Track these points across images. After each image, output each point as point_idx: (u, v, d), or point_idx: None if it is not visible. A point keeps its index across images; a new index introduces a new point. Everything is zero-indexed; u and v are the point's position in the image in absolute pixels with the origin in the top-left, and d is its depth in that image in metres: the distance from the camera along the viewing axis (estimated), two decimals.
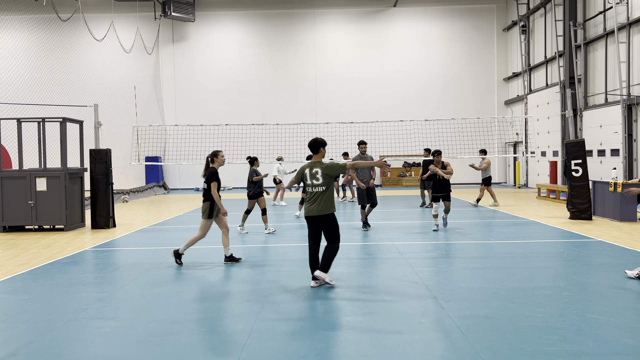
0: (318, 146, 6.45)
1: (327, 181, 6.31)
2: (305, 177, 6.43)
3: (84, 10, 21.70)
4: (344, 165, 6.39)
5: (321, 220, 6.31)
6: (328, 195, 6.32)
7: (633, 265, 7.31)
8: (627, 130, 17.26)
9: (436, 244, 9.40)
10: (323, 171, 6.30)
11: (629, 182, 12.39)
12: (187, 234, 11.22)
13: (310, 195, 6.36)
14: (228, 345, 4.50)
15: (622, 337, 4.49)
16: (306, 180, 6.42)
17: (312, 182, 6.34)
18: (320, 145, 6.46)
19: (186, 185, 27.83)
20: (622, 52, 17.43)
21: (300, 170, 6.57)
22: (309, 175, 6.38)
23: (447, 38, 27.43)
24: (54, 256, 8.85)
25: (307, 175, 6.40)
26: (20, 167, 12.39)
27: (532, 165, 24.81)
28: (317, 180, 6.30)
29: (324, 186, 6.30)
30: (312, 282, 6.41)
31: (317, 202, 6.29)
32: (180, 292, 6.32)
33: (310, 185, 6.37)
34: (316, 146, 6.45)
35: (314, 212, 6.29)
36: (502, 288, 6.20)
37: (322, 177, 6.29)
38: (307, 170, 6.41)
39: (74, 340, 4.67)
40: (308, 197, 6.38)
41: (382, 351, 4.29)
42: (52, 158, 13.45)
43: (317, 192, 6.31)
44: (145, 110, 24.70)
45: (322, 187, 6.30)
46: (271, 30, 27.61)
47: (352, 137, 23.29)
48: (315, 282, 6.39)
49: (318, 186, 6.31)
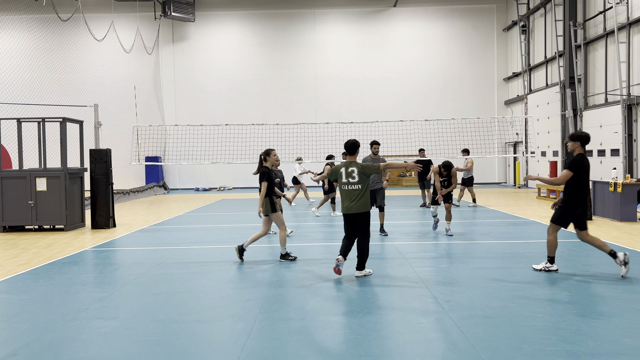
0: (355, 147, 6.87)
1: (363, 180, 6.65)
2: (341, 176, 6.75)
3: (84, 10, 21.70)
4: (378, 167, 6.75)
5: (356, 217, 6.71)
6: (365, 193, 6.67)
7: (634, 265, 7.31)
8: (627, 130, 17.26)
9: (436, 244, 9.40)
10: (359, 171, 6.67)
11: (628, 181, 12.39)
12: (187, 234, 11.23)
13: (347, 194, 6.72)
14: (228, 345, 4.50)
15: (622, 337, 4.49)
16: (341, 179, 6.74)
17: (348, 180, 6.69)
18: (356, 147, 6.88)
19: (186, 185, 27.83)
20: (622, 52, 17.43)
21: (335, 168, 6.86)
22: (344, 174, 6.72)
23: (447, 38, 27.43)
24: (54, 256, 8.85)
25: (343, 174, 6.73)
26: (20, 167, 12.38)
27: (532, 165, 24.81)
28: (353, 179, 6.67)
29: (359, 184, 6.66)
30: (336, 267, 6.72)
31: (355, 200, 6.65)
32: (180, 292, 6.32)
33: (346, 184, 6.72)
34: (353, 147, 6.86)
35: (353, 209, 6.68)
36: (502, 288, 6.20)
37: (358, 176, 6.66)
38: (343, 170, 6.74)
39: (74, 340, 4.67)
40: (344, 196, 6.74)
41: (382, 351, 4.29)
42: (52, 158, 13.45)
43: (353, 190, 6.68)
44: (145, 110, 24.70)
45: (358, 185, 6.66)
46: (271, 30, 27.61)
47: (352, 137, 23.26)
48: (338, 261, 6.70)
49: (354, 184, 6.68)
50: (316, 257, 8.30)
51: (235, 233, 11.22)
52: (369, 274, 6.91)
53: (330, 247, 9.24)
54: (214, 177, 27.55)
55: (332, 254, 8.53)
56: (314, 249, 9.10)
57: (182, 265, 7.90)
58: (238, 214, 15.09)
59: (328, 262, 7.87)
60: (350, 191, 6.69)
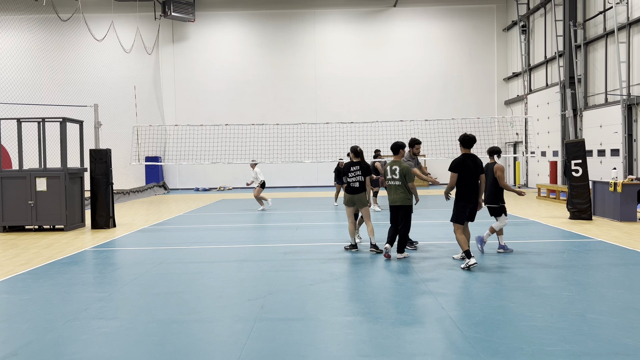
0: (398, 148, 8.02)
1: (402, 179, 7.79)
2: (387, 172, 7.94)
3: (84, 10, 21.71)
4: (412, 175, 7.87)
5: (399, 209, 7.86)
6: (404, 189, 7.80)
7: (633, 265, 7.31)
8: (627, 130, 17.26)
9: (436, 244, 9.39)
10: (401, 171, 7.82)
11: (628, 181, 12.38)
12: (187, 234, 11.23)
13: (391, 188, 7.91)
14: (228, 345, 4.50)
15: (622, 337, 4.49)
16: (387, 175, 7.94)
17: (392, 176, 7.89)
18: (400, 147, 8.02)
19: (186, 185, 27.83)
20: (622, 52, 17.43)
21: (386, 166, 8.04)
22: (389, 171, 7.92)
23: (447, 38, 27.43)
24: (54, 256, 8.85)
25: (388, 171, 7.92)
26: (20, 167, 12.38)
27: (532, 165, 24.81)
28: (395, 176, 7.84)
29: (399, 181, 7.82)
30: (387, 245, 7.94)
31: (397, 193, 7.84)
32: (180, 292, 6.32)
33: (390, 180, 7.90)
34: (397, 148, 8.03)
35: (397, 201, 7.86)
36: (502, 288, 6.20)
37: (398, 174, 7.83)
38: (389, 167, 7.93)
39: (74, 340, 4.67)
40: (390, 190, 7.93)
41: (381, 351, 4.29)
42: (52, 158, 13.45)
43: (395, 185, 7.87)
44: (145, 110, 24.70)
45: (398, 182, 7.83)
46: (271, 30, 27.61)
47: (352, 137, 23.29)
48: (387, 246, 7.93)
49: (396, 181, 7.85)
50: (316, 257, 8.30)
51: (236, 233, 11.22)
52: (408, 257, 8.00)
53: (330, 247, 9.24)
54: (214, 177, 27.55)
55: (332, 253, 8.53)
56: (314, 249, 9.09)
57: (182, 265, 7.90)
58: (238, 214, 15.08)
59: (328, 262, 7.88)
60: (393, 187, 7.87)
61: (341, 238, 10.16)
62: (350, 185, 8.48)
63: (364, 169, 8.48)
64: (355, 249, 8.76)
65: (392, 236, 7.98)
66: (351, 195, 8.50)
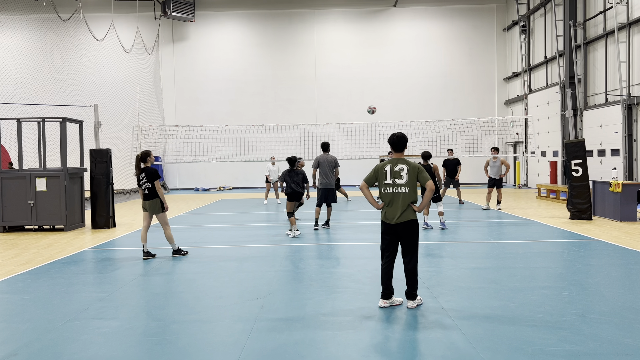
0: (404, 143, 5.63)
1: (411, 182, 5.43)
2: (385, 175, 5.48)
3: (84, 10, 21.70)
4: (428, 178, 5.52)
5: (403, 227, 5.42)
6: (412, 198, 5.45)
7: (634, 265, 7.31)
8: (627, 130, 17.26)
9: (436, 244, 9.40)
10: (410, 170, 5.45)
11: (629, 182, 12.38)
12: (187, 234, 11.22)
13: (391, 197, 5.45)
14: (228, 345, 4.50)
15: (622, 337, 4.48)
16: (384, 179, 5.48)
17: (393, 180, 5.43)
18: (406, 141, 5.64)
19: (186, 185, 27.83)
20: (622, 52, 17.43)
21: (376, 168, 5.59)
22: (390, 174, 5.46)
23: (447, 38, 27.42)
24: (54, 256, 8.85)
25: (388, 173, 5.47)
26: (20, 167, 12.38)
27: (532, 165, 24.81)
28: (401, 179, 5.42)
29: (407, 187, 5.41)
30: (381, 302, 5.52)
31: (400, 205, 5.39)
32: (180, 292, 6.32)
33: (389, 185, 5.45)
34: (402, 142, 5.61)
35: (401, 218, 5.40)
36: (502, 288, 6.20)
37: (407, 175, 5.43)
38: (389, 168, 5.48)
39: (74, 340, 4.67)
40: (387, 200, 5.48)
41: (381, 351, 4.29)
42: (52, 158, 13.45)
43: (399, 192, 5.41)
44: (145, 110, 24.71)
45: (406, 187, 5.41)
46: (271, 30, 27.60)
47: (352, 137, 23.31)
48: (385, 302, 5.52)
49: (401, 186, 5.41)
50: (316, 257, 8.30)
51: (236, 233, 11.21)
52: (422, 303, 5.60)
53: (330, 246, 9.23)
54: (214, 177, 27.54)
55: (330, 251, 8.53)
56: (314, 249, 9.10)
57: (182, 265, 7.90)
58: (238, 214, 15.08)
59: (328, 259, 7.87)
60: (395, 194, 5.43)
61: (342, 237, 10.16)
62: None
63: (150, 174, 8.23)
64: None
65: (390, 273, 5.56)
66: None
